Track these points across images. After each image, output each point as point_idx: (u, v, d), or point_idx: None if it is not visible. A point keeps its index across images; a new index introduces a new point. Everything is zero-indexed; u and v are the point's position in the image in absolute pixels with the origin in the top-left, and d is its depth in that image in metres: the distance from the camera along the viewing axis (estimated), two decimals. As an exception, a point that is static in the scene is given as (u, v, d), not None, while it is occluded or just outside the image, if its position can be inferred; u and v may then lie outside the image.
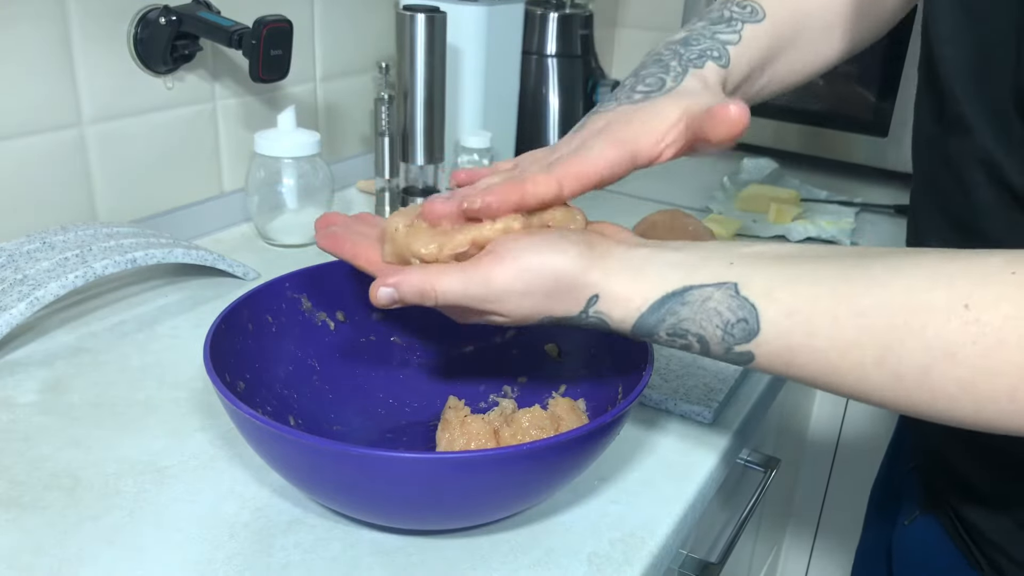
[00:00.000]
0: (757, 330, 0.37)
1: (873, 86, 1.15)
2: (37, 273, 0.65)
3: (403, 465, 0.40)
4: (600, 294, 0.41)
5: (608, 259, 0.41)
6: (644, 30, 1.58)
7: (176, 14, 0.78)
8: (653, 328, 0.40)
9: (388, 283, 0.41)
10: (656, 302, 0.40)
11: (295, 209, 0.86)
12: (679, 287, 0.39)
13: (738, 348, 0.38)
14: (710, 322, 0.39)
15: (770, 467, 0.70)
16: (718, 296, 0.38)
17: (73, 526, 0.47)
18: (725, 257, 0.39)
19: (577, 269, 0.40)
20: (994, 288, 0.33)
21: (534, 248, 0.40)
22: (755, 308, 0.37)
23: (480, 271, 0.40)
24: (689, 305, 0.39)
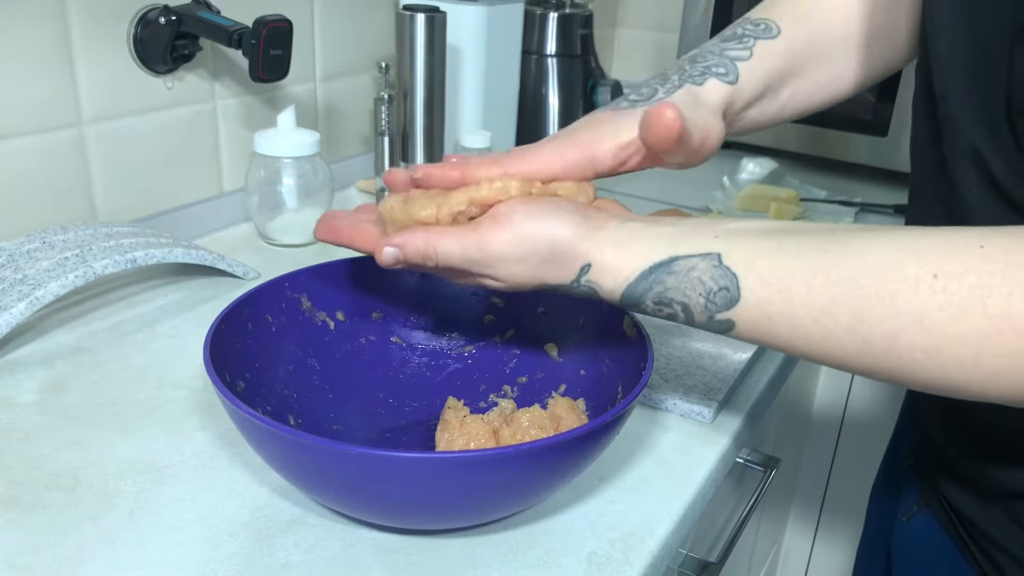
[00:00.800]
0: (738, 298, 0.39)
1: (873, 86, 1.14)
2: (37, 273, 0.65)
3: (403, 465, 0.40)
4: (592, 263, 0.43)
5: (602, 231, 0.43)
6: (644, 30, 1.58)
7: (176, 14, 0.78)
8: (640, 296, 0.42)
9: (393, 243, 0.44)
10: (644, 271, 0.42)
11: (295, 209, 0.86)
12: (666, 257, 0.41)
13: (720, 316, 0.40)
14: (694, 290, 0.40)
15: (770, 466, 0.70)
16: (702, 266, 0.40)
17: (73, 526, 0.47)
18: (711, 231, 0.41)
19: (572, 238, 0.42)
20: (962, 260, 0.34)
21: (532, 215, 0.42)
22: (736, 277, 0.39)
23: (478, 234, 0.42)
24: (675, 275, 0.41)
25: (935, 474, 0.55)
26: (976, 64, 0.44)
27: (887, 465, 0.70)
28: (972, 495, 0.50)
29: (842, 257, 0.37)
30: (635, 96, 0.53)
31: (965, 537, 0.51)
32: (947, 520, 0.53)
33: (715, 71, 0.55)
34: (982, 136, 0.43)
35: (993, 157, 0.43)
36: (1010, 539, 0.47)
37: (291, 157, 0.84)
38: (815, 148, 1.22)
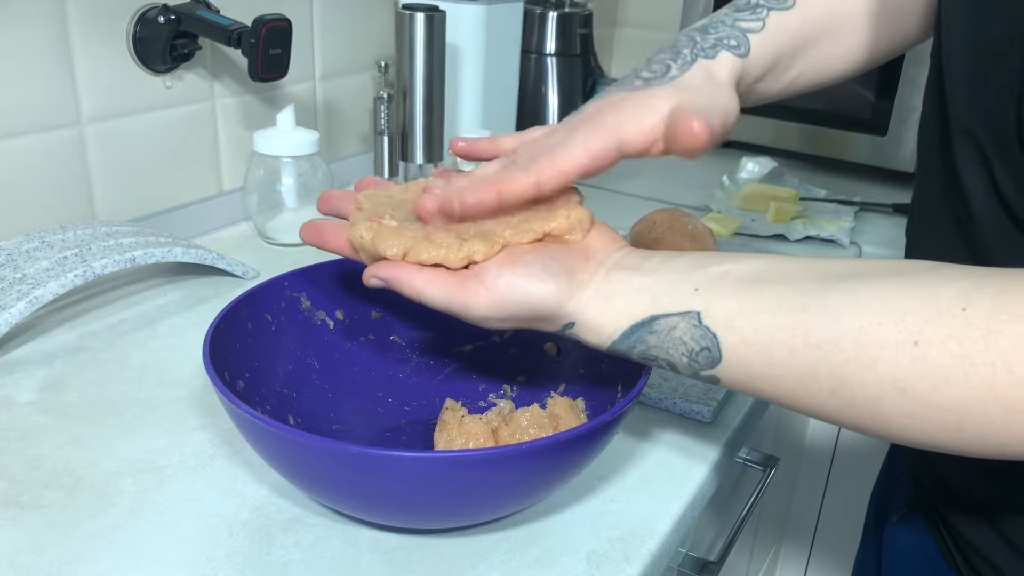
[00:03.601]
0: (719, 358, 0.39)
1: (872, 85, 1.15)
2: (36, 272, 0.65)
3: (402, 464, 0.40)
4: (576, 322, 0.43)
5: (586, 288, 0.42)
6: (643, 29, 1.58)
7: (175, 13, 0.78)
8: (626, 352, 0.42)
9: (380, 276, 0.43)
10: (626, 331, 0.41)
11: (294, 208, 0.86)
12: (646, 316, 0.41)
13: (704, 372, 0.40)
14: (676, 350, 0.40)
15: (769, 466, 0.70)
16: (683, 325, 0.40)
17: (72, 525, 0.47)
18: (691, 282, 0.40)
19: (555, 302, 0.42)
20: (943, 326, 0.33)
21: (515, 280, 0.42)
22: (716, 337, 0.39)
23: (463, 294, 0.42)
24: (656, 334, 0.41)
25: (925, 481, 0.55)
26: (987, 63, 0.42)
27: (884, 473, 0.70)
28: (958, 504, 0.50)
29: (822, 318, 0.36)
30: (647, 73, 0.50)
31: (949, 543, 0.51)
32: (933, 525, 0.54)
33: (727, 43, 0.53)
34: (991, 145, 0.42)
35: (1002, 170, 0.42)
36: (992, 548, 0.48)
37: (290, 156, 0.84)
38: (815, 147, 1.22)
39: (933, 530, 0.54)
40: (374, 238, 0.44)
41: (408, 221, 0.46)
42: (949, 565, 0.51)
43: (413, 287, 0.42)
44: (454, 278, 0.42)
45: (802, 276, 0.38)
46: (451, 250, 0.42)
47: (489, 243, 0.43)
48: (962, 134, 0.45)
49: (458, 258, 0.42)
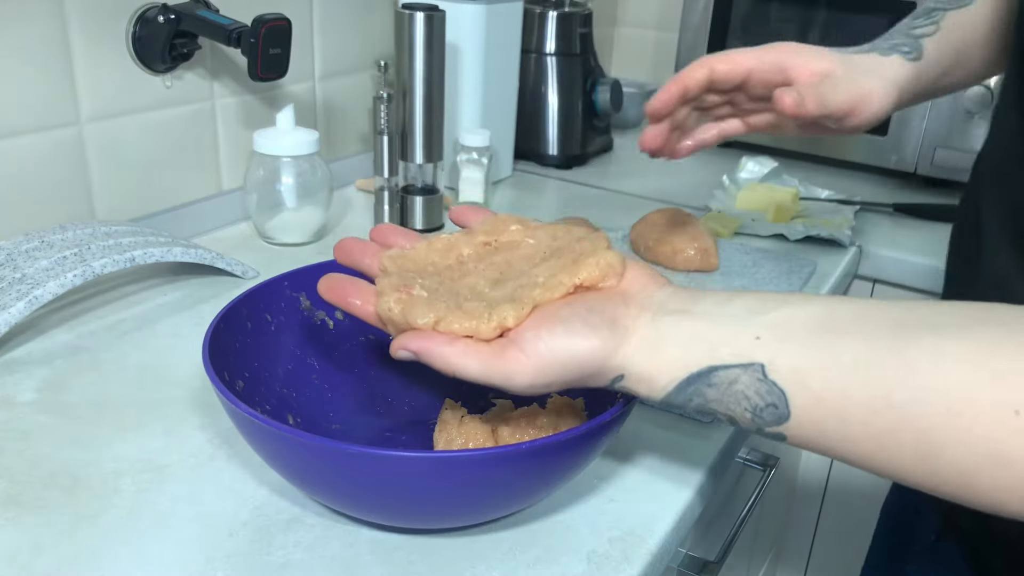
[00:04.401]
0: (787, 415, 0.36)
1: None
2: (36, 272, 0.65)
3: (402, 464, 0.40)
4: (625, 374, 0.40)
5: (632, 336, 0.39)
6: (643, 29, 1.58)
7: (175, 12, 0.78)
8: (681, 405, 0.39)
9: (410, 348, 0.40)
10: (682, 383, 0.38)
11: (294, 208, 0.86)
12: (704, 367, 0.37)
13: (769, 429, 0.37)
14: (738, 405, 0.37)
15: (769, 466, 0.70)
16: (745, 379, 0.36)
17: (72, 525, 0.47)
18: (752, 328, 0.37)
19: (601, 357, 0.39)
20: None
21: (555, 340, 0.39)
22: (784, 393, 0.36)
23: (502, 365, 0.39)
24: (716, 387, 0.37)
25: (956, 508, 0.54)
26: None
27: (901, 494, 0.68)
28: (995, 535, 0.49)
29: (905, 376, 0.32)
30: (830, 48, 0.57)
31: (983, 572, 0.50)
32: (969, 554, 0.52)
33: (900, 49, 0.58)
34: None
35: None
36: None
37: (290, 156, 0.84)
38: (815, 147, 1.22)
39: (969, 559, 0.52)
40: (403, 310, 0.41)
41: (436, 286, 0.43)
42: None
43: (446, 360, 0.39)
44: (490, 348, 0.39)
45: (873, 324, 0.35)
46: (481, 320, 0.40)
47: (519, 305, 0.40)
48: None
49: (490, 328, 0.40)
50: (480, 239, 0.47)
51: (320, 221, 0.88)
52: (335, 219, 0.95)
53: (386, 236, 0.48)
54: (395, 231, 0.48)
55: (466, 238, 0.47)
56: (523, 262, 0.45)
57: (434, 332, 0.40)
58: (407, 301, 0.42)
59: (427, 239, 0.47)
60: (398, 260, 0.45)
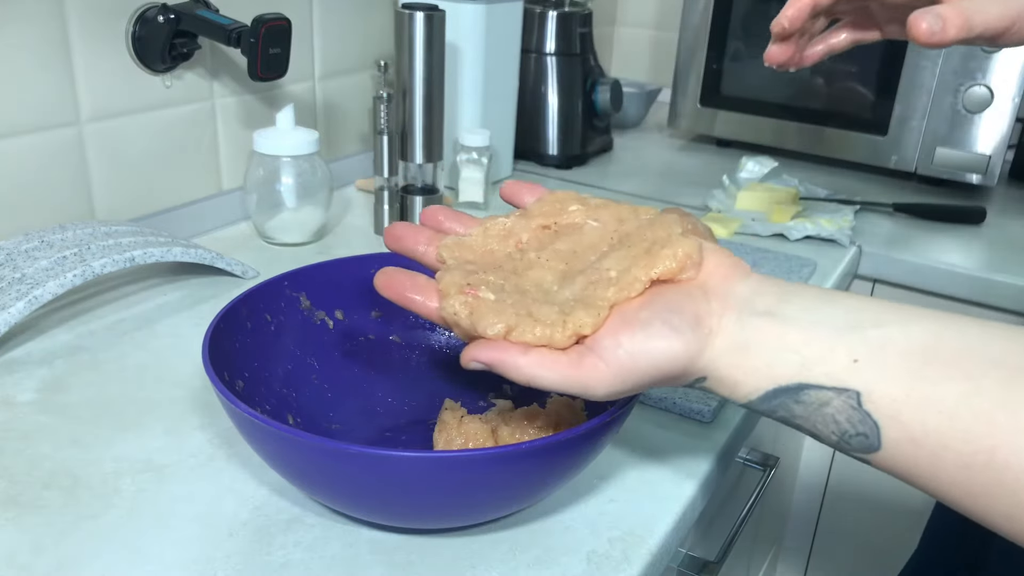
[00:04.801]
0: (878, 447, 0.34)
1: (872, 84, 1.15)
2: (35, 272, 0.65)
3: (402, 464, 0.40)
4: (708, 376, 0.38)
5: (716, 337, 0.37)
6: (643, 28, 1.58)
7: (174, 12, 0.78)
8: (763, 413, 0.38)
9: (482, 360, 0.39)
10: (768, 393, 0.37)
11: (294, 208, 0.86)
12: (793, 383, 0.36)
13: (853, 454, 0.36)
14: (826, 427, 0.35)
15: (769, 465, 0.70)
16: (837, 403, 0.35)
17: (72, 525, 0.47)
18: (848, 347, 0.35)
19: (685, 360, 0.37)
20: None
21: (635, 346, 0.37)
22: (877, 427, 0.34)
23: (581, 375, 0.37)
24: (803, 405, 0.36)
25: None
26: None
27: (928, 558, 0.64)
28: None
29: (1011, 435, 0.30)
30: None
31: None
32: None
33: None
34: None
35: None
36: None
37: (290, 156, 0.84)
38: (815, 147, 1.22)
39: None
40: (472, 315, 0.39)
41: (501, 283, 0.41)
42: None
43: (521, 372, 0.38)
44: (567, 357, 0.38)
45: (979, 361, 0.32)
46: (556, 329, 0.38)
47: (595, 311, 0.38)
48: None
49: (564, 337, 0.38)
50: (538, 222, 0.45)
51: (320, 221, 0.88)
52: (335, 219, 0.95)
53: (438, 219, 0.46)
54: (446, 213, 0.46)
55: (523, 222, 0.45)
56: (589, 251, 0.43)
57: (506, 342, 0.38)
58: (474, 305, 0.40)
59: (482, 223, 0.45)
60: (456, 250, 0.44)
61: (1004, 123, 1.07)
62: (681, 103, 1.29)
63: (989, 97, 1.06)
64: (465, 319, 0.39)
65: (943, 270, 0.93)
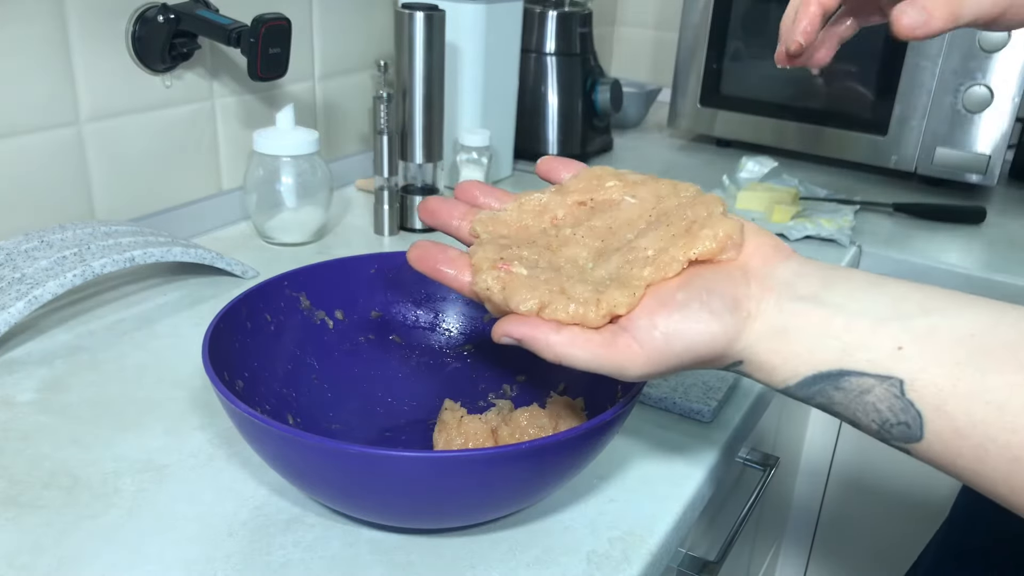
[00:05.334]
0: (919, 437, 0.33)
1: (872, 85, 1.15)
2: (35, 272, 0.65)
3: (402, 464, 0.40)
4: (745, 360, 0.37)
5: (754, 322, 0.36)
6: (643, 28, 1.58)
7: (174, 12, 0.78)
8: (801, 399, 0.37)
9: (514, 335, 0.38)
10: (807, 378, 0.36)
11: (294, 208, 0.86)
12: (834, 369, 0.35)
13: (894, 443, 0.35)
14: (866, 415, 0.35)
15: (769, 465, 0.70)
16: (879, 391, 0.34)
17: (72, 525, 0.47)
18: (893, 335, 0.34)
19: (723, 344, 0.36)
20: None
21: (672, 328, 0.36)
22: (920, 416, 0.33)
23: (614, 355, 0.37)
24: (844, 391, 0.35)
25: None
26: None
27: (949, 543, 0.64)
28: None
29: None
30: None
31: None
32: None
33: None
34: None
35: None
36: None
37: (290, 156, 0.84)
38: (815, 147, 1.22)
39: None
40: (504, 289, 0.39)
41: (535, 258, 0.41)
42: None
43: (553, 350, 0.37)
44: (600, 336, 0.37)
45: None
46: (589, 307, 0.37)
47: (630, 291, 0.37)
48: None
49: (599, 316, 0.37)
50: (574, 198, 0.44)
51: (320, 221, 0.88)
52: (335, 219, 0.95)
53: (473, 194, 0.45)
54: (481, 188, 0.45)
55: (559, 198, 0.44)
56: (626, 228, 0.42)
57: (538, 319, 0.38)
58: (507, 280, 0.39)
59: (516, 198, 0.45)
60: (490, 224, 0.43)
61: (1004, 123, 1.07)
62: (681, 103, 1.29)
63: (989, 97, 1.06)
64: (498, 294, 0.39)
65: (943, 270, 0.93)
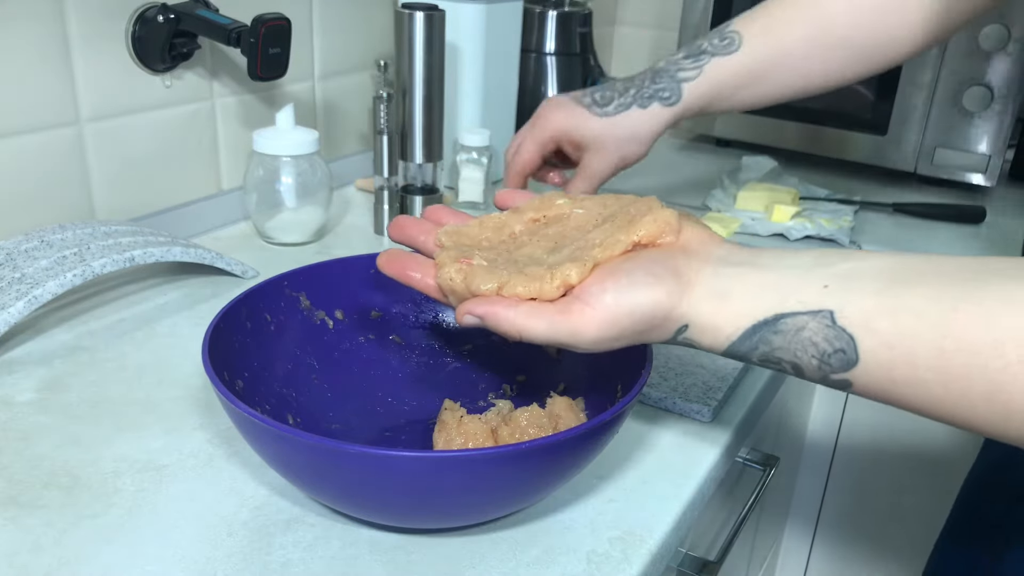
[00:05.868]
0: (856, 360, 0.36)
1: (872, 84, 1.14)
2: (35, 272, 0.65)
3: (402, 464, 0.40)
4: (689, 324, 0.40)
5: (695, 287, 0.40)
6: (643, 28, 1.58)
7: (174, 12, 0.78)
8: (745, 355, 0.40)
9: (475, 312, 0.42)
10: (747, 330, 0.39)
11: (294, 207, 0.86)
12: (771, 315, 0.38)
13: (835, 376, 0.37)
14: (805, 352, 0.37)
15: (769, 465, 0.70)
16: (813, 325, 0.37)
17: (71, 525, 0.47)
18: (819, 278, 0.38)
19: (666, 306, 0.40)
20: None
21: (622, 292, 0.40)
22: (853, 339, 0.36)
23: (568, 319, 0.40)
24: (782, 334, 0.38)
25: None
26: None
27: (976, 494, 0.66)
28: None
29: (976, 319, 0.33)
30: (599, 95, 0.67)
31: None
32: None
33: (661, 95, 0.67)
34: None
35: None
36: None
37: (290, 155, 0.84)
38: (814, 146, 1.22)
39: None
40: (465, 279, 0.43)
41: (494, 257, 0.45)
42: None
43: (512, 323, 0.40)
44: (554, 307, 0.40)
45: (940, 273, 0.35)
46: (544, 281, 0.41)
47: (581, 264, 0.41)
48: None
49: (553, 287, 0.41)
50: (529, 216, 0.49)
51: (320, 221, 0.88)
52: (335, 219, 0.95)
53: (439, 215, 0.50)
54: (447, 211, 0.50)
55: (516, 216, 0.49)
56: (577, 231, 0.46)
57: (498, 297, 0.41)
58: (468, 271, 0.43)
59: (479, 218, 0.49)
60: (454, 235, 0.47)
61: (1004, 123, 1.07)
62: (681, 103, 1.29)
63: (989, 97, 1.06)
64: (460, 284, 0.43)
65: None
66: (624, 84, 0.68)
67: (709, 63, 0.66)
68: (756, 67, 0.66)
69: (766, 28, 0.66)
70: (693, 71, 0.66)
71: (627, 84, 0.68)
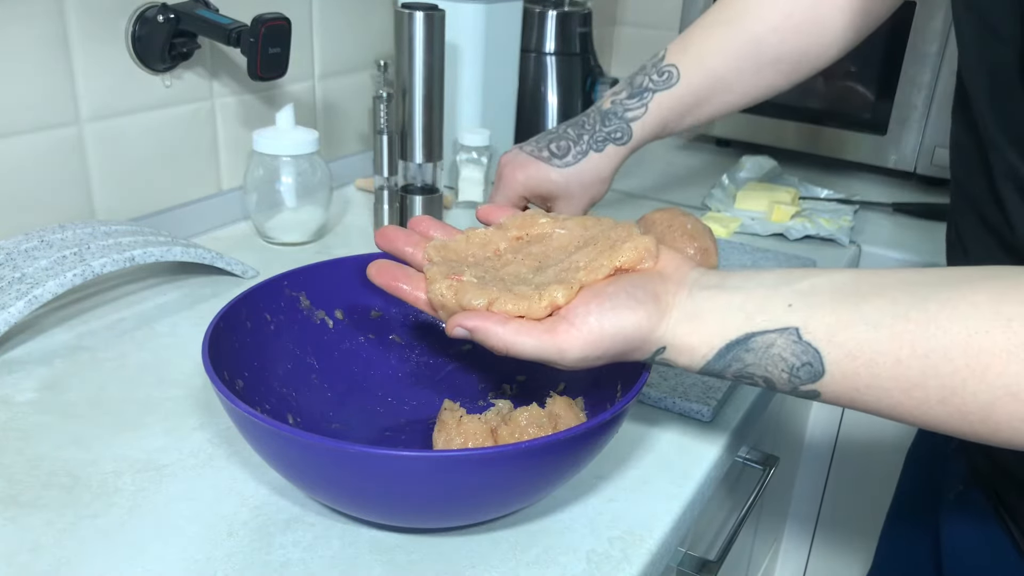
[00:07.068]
0: (822, 372, 0.39)
1: (872, 84, 1.14)
2: (35, 271, 0.65)
3: (402, 463, 0.40)
4: (667, 346, 0.43)
5: (672, 310, 0.43)
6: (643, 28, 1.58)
7: (174, 12, 0.78)
8: (720, 372, 0.42)
9: (466, 326, 0.43)
10: (721, 349, 0.41)
11: (293, 207, 0.86)
12: (741, 335, 0.41)
13: (804, 388, 0.40)
14: (775, 366, 0.40)
15: (769, 465, 0.70)
16: (781, 342, 0.40)
17: (71, 524, 0.47)
18: (783, 298, 0.40)
19: (646, 329, 0.42)
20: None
21: (604, 314, 0.42)
22: (818, 352, 0.39)
23: (554, 338, 0.42)
24: (753, 351, 0.41)
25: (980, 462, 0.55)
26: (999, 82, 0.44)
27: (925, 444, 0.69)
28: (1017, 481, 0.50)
29: (927, 328, 0.36)
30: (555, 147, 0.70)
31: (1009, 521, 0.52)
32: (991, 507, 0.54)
33: (613, 136, 0.70)
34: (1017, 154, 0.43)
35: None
36: None
37: (290, 155, 0.84)
38: (814, 146, 1.22)
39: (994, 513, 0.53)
40: (456, 295, 0.44)
41: (483, 274, 0.46)
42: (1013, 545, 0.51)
43: (501, 339, 0.42)
44: (542, 325, 0.42)
45: (893, 288, 0.38)
46: (532, 300, 0.43)
47: (567, 285, 0.43)
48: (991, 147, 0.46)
49: (541, 307, 0.43)
50: (512, 234, 0.50)
51: (320, 220, 0.88)
52: (335, 219, 0.95)
53: (425, 226, 0.52)
54: (433, 223, 0.52)
55: (500, 233, 0.51)
56: (559, 252, 0.48)
57: (489, 312, 0.43)
58: (458, 287, 0.44)
59: (464, 232, 0.51)
60: (442, 250, 0.49)
61: (1004, 123, 1.06)
62: (681, 103, 1.29)
63: (989, 97, 1.06)
64: (451, 299, 0.44)
65: (943, 270, 0.93)
66: (576, 131, 0.71)
67: (652, 99, 0.70)
68: (696, 96, 0.70)
69: (699, 59, 0.70)
70: (639, 109, 0.70)
71: (578, 131, 0.71)
